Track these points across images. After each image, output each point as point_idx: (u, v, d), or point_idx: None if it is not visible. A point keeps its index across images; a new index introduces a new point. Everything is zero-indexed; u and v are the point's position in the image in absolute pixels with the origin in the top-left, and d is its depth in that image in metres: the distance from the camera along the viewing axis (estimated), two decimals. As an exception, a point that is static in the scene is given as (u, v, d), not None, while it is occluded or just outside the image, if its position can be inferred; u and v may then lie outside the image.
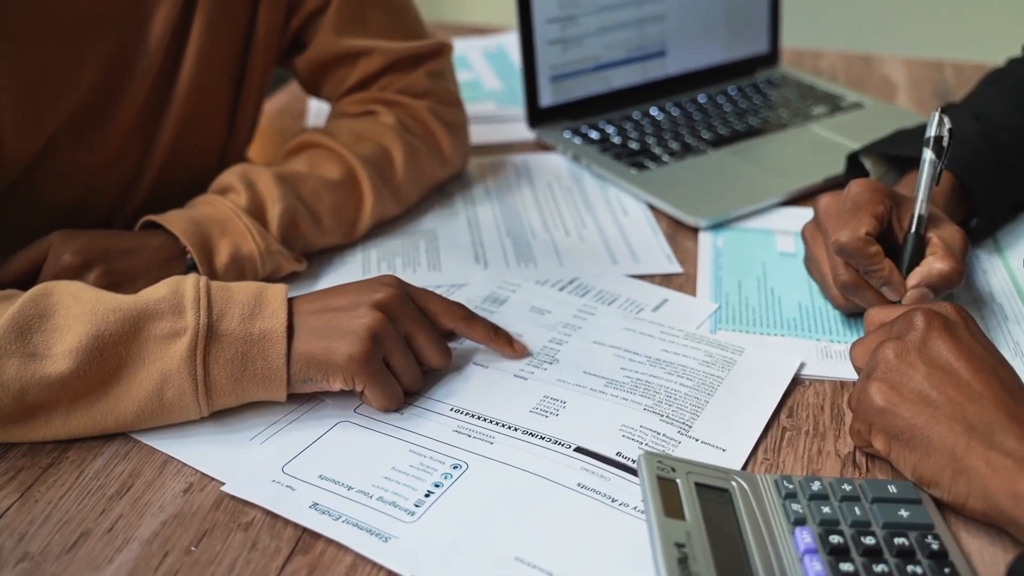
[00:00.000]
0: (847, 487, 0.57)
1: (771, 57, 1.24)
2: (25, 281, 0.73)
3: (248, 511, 0.58)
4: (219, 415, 0.65)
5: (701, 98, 1.15)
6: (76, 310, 0.62)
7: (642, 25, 1.12)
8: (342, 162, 0.86)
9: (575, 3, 1.06)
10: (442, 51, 0.96)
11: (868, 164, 0.89)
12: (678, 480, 0.55)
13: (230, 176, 0.82)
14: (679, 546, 0.50)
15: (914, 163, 0.79)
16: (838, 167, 0.93)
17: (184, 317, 0.62)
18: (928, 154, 0.72)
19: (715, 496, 0.55)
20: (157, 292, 0.63)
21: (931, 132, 0.72)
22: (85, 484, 0.60)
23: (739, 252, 0.86)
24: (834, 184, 0.93)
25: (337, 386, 0.64)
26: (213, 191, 0.82)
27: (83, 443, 0.63)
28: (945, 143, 0.72)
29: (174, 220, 0.77)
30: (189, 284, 0.64)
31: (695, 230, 0.90)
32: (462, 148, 0.98)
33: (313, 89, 0.98)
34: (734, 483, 0.57)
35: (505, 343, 0.71)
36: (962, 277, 0.70)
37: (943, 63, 1.30)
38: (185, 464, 0.62)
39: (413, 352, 0.67)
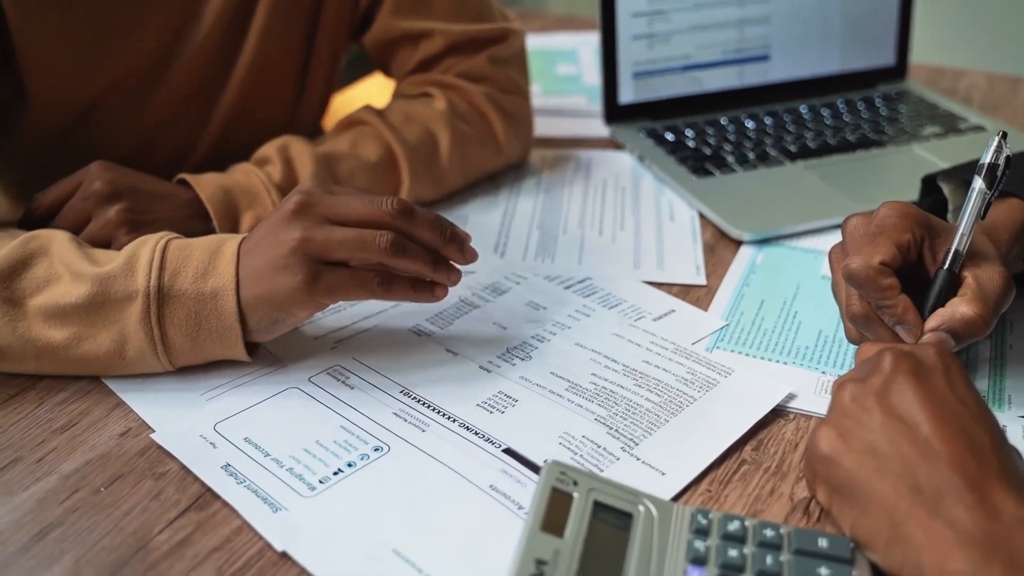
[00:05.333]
0: (769, 532, 0.50)
1: (897, 71, 1.14)
2: (59, 207, 0.75)
3: (168, 462, 0.59)
4: (186, 369, 0.66)
5: (803, 108, 1.07)
6: (56, 268, 0.64)
7: (743, 26, 1.05)
8: (384, 144, 0.85)
9: (665, -2, 1.02)
10: (507, 37, 0.94)
11: (947, 190, 0.80)
12: (575, 495, 0.51)
13: (270, 148, 0.83)
14: (540, 563, 0.47)
15: (1002, 193, 0.70)
16: (924, 192, 0.84)
17: (136, 280, 0.63)
18: (978, 183, 0.63)
19: (613, 519, 0.51)
20: (116, 260, 0.64)
21: (986, 158, 0.64)
22: (39, 416, 0.63)
23: (776, 270, 0.79)
24: (909, 209, 0.84)
25: (306, 316, 0.64)
26: (253, 161, 0.83)
27: (54, 378, 0.66)
28: (999, 172, 0.63)
29: (205, 184, 0.78)
30: (147, 247, 0.64)
31: (739, 243, 0.83)
32: (521, 138, 0.96)
33: (383, 68, 0.99)
34: (642, 508, 0.52)
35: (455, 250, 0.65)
36: (989, 326, 0.61)
37: (1105, 92, 1.15)
38: (132, 410, 0.64)
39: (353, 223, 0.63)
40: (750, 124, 1.04)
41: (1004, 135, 0.64)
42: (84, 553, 0.52)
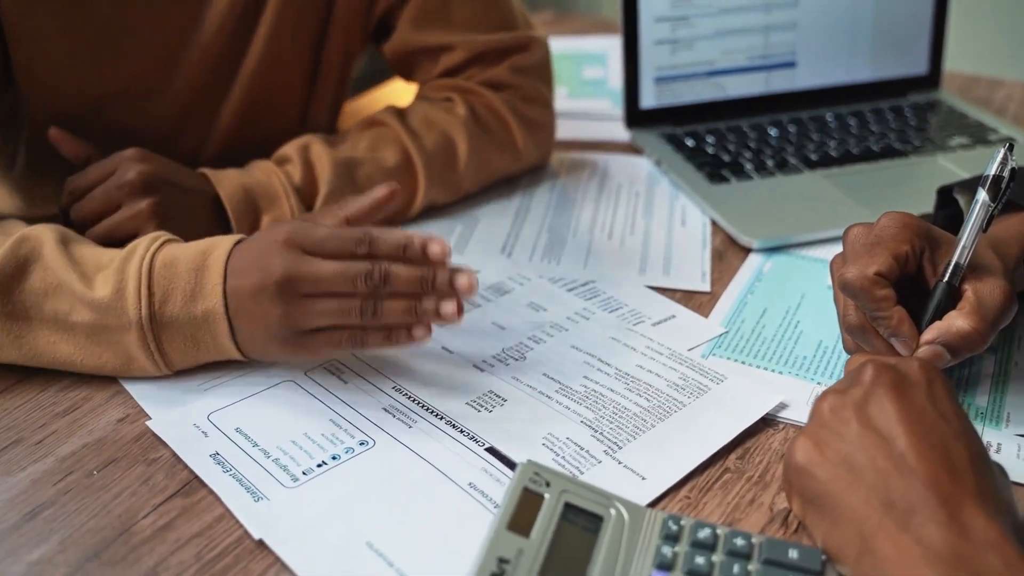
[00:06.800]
0: (740, 541, 0.50)
1: (929, 80, 1.12)
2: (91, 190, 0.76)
3: (160, 449, 0.60)
4: (188, 359, 0.68)
5: (829, 116, 1.06)
6: (50, 278, 0.64)
7: (768, 32, 1.05)
8: (402, 148, 0.85)
9: (689, 3, 1.01)
10: (530, 46, 0.94)
11: (962, 202, 0.78)
12: (546, 495, 0.51)
13: (292, 148, 0.83)
14: (502, 561, 0.47)
15: (1015, 205, 0.69)
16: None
17: (127, 311, 0.63)
18: (982, 195, 0.62)
19: (583, 521, 0.51)
20: (106, 284, 0.63)
21: (991, 170, 0.63)
22: (43, 399, 0.65)
23: (783, 279, 0.78)
24: (924, 221, 0.83)
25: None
26: (274, 159, 0.83)
27: (60, 365, 0.68)
28: (1004, 184, 0.62)
29: (226, 182, 0.78)
30: (132, 267, 0.64)
31: (748, 250, 0.83)
32: (540, 145, 0.96)
33: (404, 77, 0.98)
34: (613, 511, 0.52)
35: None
36: (986, 341, 0.60)
37: None
38: (133, 397, 0.65)
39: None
40: (773, 131, 1.03)
41: (1011, 146, 0.63)
42: (71, 534, 0.54)
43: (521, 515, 0.50)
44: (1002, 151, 0.63)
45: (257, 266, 0.62)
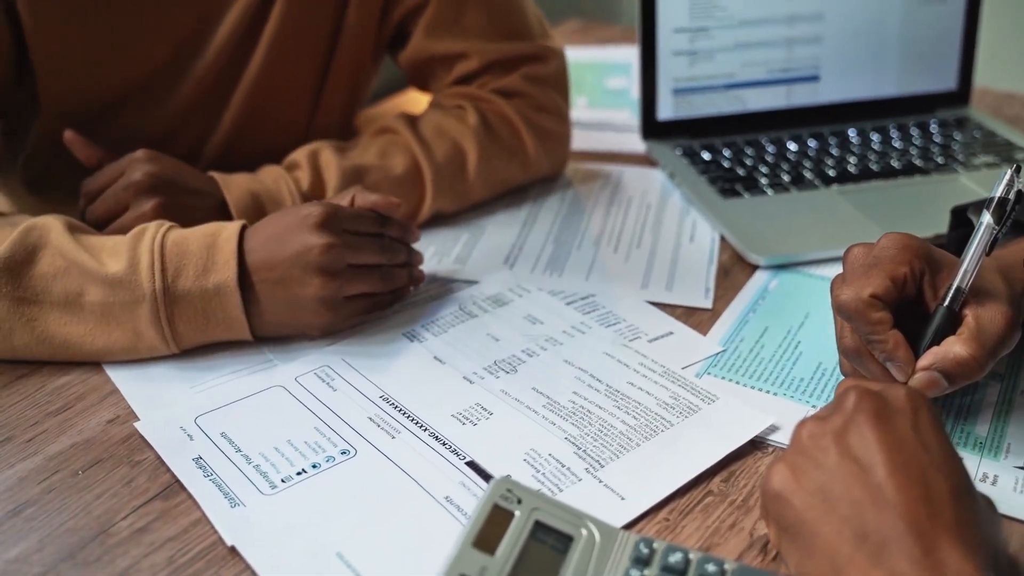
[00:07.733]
0: (711, 567, 0.49)
1: (958, 96, 1.09)
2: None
3: (146, 451, 0.61)
4: (183, 362, 0.69)
5: (851, 132, 1.04)
6: (59, 262, 0.66)
7: (791, 45, 1.03)
8: (411, 157, 0.85)
9: (709, 15, 1.00)
10: (545, 56, 0.93)
11: (976, 222, 0.77)
12: (516, 513, 0.50)
13: (301, 154, 0.84)
14: (463, 579, 0.47)
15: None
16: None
17: (141, 285, 0.65)
18: (986, 218, 0.61)
19: (553, 540, 0.50)
20: (119, 260, 0.66)
21: (996, 191, 0.61)
22: (39, 397, 0.66)
23: (788, 297, 0.77)
24: (938, 243, 0.80)
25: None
26: (284, 165, 0.84)
27: (59, 363, 0.69)
28: (1009, 207, 0.61)
29: (235, 188, 0.79)
30: (145, 244, 0.66)
31: (755, 267, 0.81)
32: (552, 156, 0.95)
33: (419, 86, 0.98)
34: (585, 531, 0.51)
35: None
36: (984, 369, 0.58)
37: None
38: (124, 398, 0.66)
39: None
40: (792, 146, 1.01)
41: (1018, 168, 0.62)
42: (49, 533, 0.55)
43: (488, 532, 0.49)
44: (1008, 172, 0.61)
45: (294, 239, 0.67)
